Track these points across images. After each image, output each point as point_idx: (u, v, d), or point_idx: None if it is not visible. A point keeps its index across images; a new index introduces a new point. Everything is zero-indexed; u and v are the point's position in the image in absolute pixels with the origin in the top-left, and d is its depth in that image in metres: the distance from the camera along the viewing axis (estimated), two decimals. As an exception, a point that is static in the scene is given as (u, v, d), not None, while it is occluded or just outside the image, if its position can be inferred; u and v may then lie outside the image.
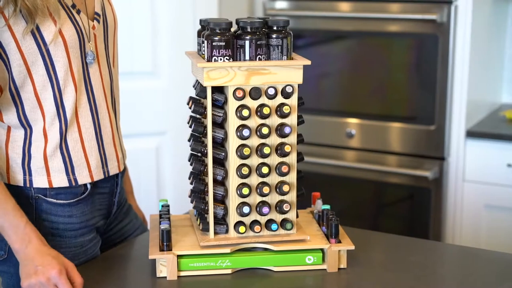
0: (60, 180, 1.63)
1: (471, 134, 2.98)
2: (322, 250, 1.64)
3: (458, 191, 3.03)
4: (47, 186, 1.62)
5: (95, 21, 1.67)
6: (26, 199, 1.61)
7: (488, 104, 3.29)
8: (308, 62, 1.58)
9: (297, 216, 1.69)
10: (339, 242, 1.65)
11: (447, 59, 2.95)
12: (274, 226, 1.63)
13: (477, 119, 3.11)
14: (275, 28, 1.58)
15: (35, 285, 1.50)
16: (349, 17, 3.14)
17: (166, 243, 1.59)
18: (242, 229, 1.61)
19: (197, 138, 1.66)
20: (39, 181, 1.62)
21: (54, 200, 1.62)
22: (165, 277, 1.59)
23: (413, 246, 1.83)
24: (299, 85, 1.61)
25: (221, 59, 1.56)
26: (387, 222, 3.25)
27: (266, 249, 1.64)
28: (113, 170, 1.73)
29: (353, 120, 3.19)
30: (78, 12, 1.62)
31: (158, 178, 3.09)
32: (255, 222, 1.63)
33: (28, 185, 1.61)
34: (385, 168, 3.13)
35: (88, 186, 1.67)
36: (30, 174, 1.61)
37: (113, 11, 1.77)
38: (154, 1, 2.96)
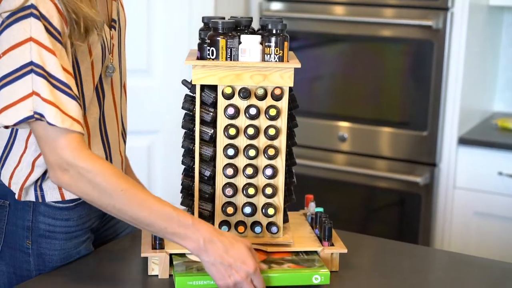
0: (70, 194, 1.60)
1: (463, 141, 2.98)
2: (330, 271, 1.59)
3: (449, 198, 3.03)
4: (59, 199, 1.59)
5: (112, 29, 1.63)
6: (24, 201, 1.59)
7: (481, 111, 3.30)
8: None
9: (287, 220, 1.68)
10: (332, 245, 1.64)
11: (442, 65, 2.96)
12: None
13: (469, 127, 3.11)
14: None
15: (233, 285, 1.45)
16: (344, 20, 3.14)
17: (158, 241, 1.59)
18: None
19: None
20: (52, 195, 1.58)
21: (53, 203, 1.59)
22: (157, 275, 1.58)
23: (404, 251, 1.83)
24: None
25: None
26: (377, 227, 3.25)
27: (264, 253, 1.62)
28: None
29: (345, 124, 3.19)
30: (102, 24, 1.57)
31: (149, 176, 3.08)
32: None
33: (40, 200, 1.58)
34: (376, 172, 3.13)
35: None
36: (41, 190, 1.58)
37: (124, 12, 1.74)
38: (150, -2, 2.96)
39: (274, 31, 1.56)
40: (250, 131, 1.57)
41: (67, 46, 1.45)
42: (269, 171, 1.59)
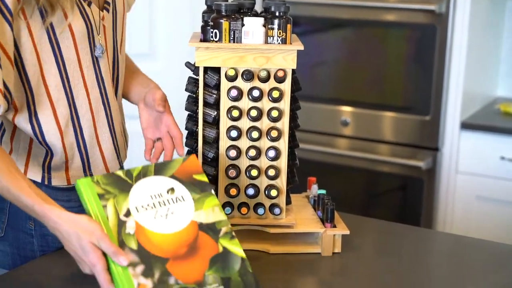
0: (78, 178, 1.59)
1: (466, 125, 2.99)
2: None
3: (451, 182, 3.04)
4: (65, 184, 1.60)
5: (104, 10, 1.62)
6: None
7: (484, 96, 3.30)
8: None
9: (290, 202, 1.68)
10: (334, 226, 1.65)
11: (445, 50, 2.96)
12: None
13: (472, 111, 3.12)
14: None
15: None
16: (346, 5, 3.13)
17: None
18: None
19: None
20: (58, 180, 1.59)
21: (53, 184, 1.60)
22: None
23: (406, 233, 1.84)
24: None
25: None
26: (379, 211, 3.26)
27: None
28: (123, 158, 1.74)
29: (348, 109, 3.19)
30: (89, 4, 1.56)
31: (152, 160, 3.09)
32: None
33: (46, 182, 1.58)
34: (379, 157, 3.13)
35: None
36: (49, 172, 1.58)
37: None
38: (153, -18, 2.96)
39: (277, 14, 1.56)
40: (253, 113, 1.57)
41: (18, 24, 1.44)
42: (272, 153, 1.60)
